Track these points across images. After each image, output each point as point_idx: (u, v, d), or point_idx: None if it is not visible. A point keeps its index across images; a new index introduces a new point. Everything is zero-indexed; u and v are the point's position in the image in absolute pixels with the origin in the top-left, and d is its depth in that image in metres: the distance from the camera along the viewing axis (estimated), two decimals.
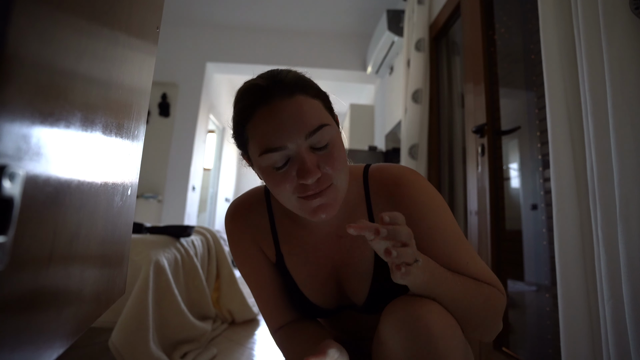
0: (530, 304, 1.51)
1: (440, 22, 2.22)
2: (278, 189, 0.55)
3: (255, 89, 0.55)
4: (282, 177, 0.54)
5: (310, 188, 0.53)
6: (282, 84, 0.54)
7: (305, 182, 0.52)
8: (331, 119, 0.58)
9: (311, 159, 0.53)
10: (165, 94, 3.62)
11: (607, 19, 0.72)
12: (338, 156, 0.55)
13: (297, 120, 0.52)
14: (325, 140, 0.54)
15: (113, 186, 0.47)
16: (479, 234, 1.56)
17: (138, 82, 0.54)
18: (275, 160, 0.53)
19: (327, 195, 0.54)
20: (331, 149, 0.55)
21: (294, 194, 0.54)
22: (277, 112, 0.52)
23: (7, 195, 0.22)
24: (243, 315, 2.21)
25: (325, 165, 0.54)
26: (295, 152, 0.53)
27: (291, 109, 0.52)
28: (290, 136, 0.52)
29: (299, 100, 0.53)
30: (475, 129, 1.60)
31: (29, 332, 0.30)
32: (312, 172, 0.51)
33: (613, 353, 0.69)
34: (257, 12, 3.51)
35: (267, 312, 0.71)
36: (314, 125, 0.53)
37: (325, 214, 0.55)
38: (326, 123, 0.54)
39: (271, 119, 0.52)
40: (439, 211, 0.61)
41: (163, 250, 1.68)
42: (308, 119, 0.53)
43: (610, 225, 0.71)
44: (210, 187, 4.84)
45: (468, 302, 0.55)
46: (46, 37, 0.27)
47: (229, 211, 0.71)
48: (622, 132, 0.68)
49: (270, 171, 0.55)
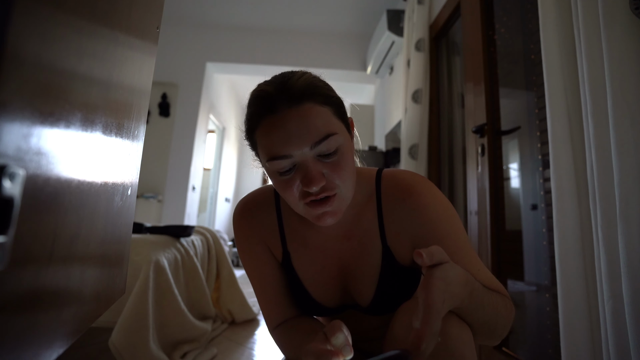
0: (530, 304, 1.51)
1: (440, 22, 2.22)
2: (285, 194, 0.56)
3: (263, 95, 0.54)
4: (288, 184, 0.54)
5: (315, 195, 0.54)
6: (289, 92, 0.53)
7: (308, 190, 0.52)
8: (341, 126, 0.57)
9: (316, 168, 0.53)
10: (165, 94, 3.63)
11: (607, 19, 0.72)
12: (345, 165, 0.55)
13: (303, 130, 0.52)
14: (332, 149, 0.54)
15: (113, 186, 0.47)
16: (479, 234, 1.56)
17: (138, 82, 0.54)
18: (282, 167, 0.53)
19: (330, 204, 0.55)
20: (338, 158, 0.54)
21: (300, 200, 0.55)
22: (283, 122, 0.52)
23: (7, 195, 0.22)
24: (243, 315, 2.21)
25: (331, 173, 0.54)
26: (300, 161, 0.53)
27: (298, 118, 0.52)
28: (296, 146, 0.52)
29: (306, 109, 0.52)
30: (475, 129, 1.60)
31: (29, 332, 0.30)
32: (316, 181, 0.52)
33: (613, 353, 0.69)
34: (257, 12, 3.51)
35: (268, 309, 0.71)
36: (320, 135, 0.52)
37: (329, 221, 0.56)
38: (333, 132, 0.53)
39: (277, 128, 0.52)
40: (453, 220, 0.61)
41: (163, 250, 1.68)
42: (314, 128, 0.52)
43: (610, 225, 0.71)
44: (210, 187, 4.84)
45: (490, 317, 0.55)
46: (46, 37, 0.27)
47: (238, 208, 0.71)
48: (622, 132, 0.68)
49: (277, 176, 0.55)
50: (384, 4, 3.13)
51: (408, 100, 2.31)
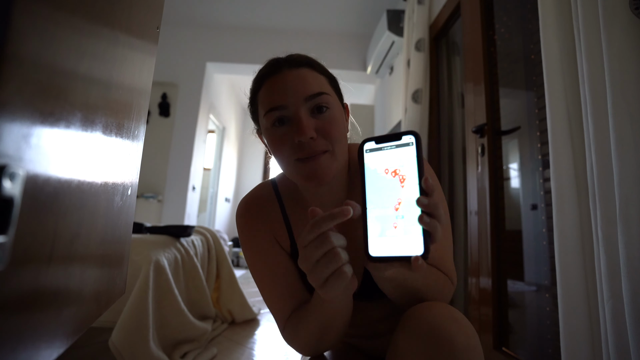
0: (530, 304, 1.51)
1: (440, 22, 2.22)
2: (278, 150, 0.59)
3: (272, 62, 0.62)
4: (282, 138, 0.58)
5: (306, 148, 0.56)
6: (292, 58, 0.61)
7: (300, 138, 0.55)
8: (335, 96, 0.62)
9: (308, 120, 0.56)
10: (165, 94, 3.63)
11: (607, 19, 0.72)
12: (336, 125, 0.59)
13: (298, 84, 0.58)
14: (325, 107, 0.58)
15: (113, 186, 0.47)
16: (479, 234, 1.56)
17: (138, 82, 0.54)
18: (277, 117, 0.58)
19: (322, 161, 0.57)
20: (330, 117, 0.59)
21: (292, 156, 0.57)
22: (282, 77, 0.59)
23: (7, 195, 0.22)
24: (243, 315, 2.21)
25: (322, 129, 0.57)
26: (294, 112, 0.57)
27: (296, 76, 0.59)
28: (291, 96, 0.57)
29: (304, 71, 0.60)
30: (475, 129, 1.60)
31: (29, 332, 0.30)
32: (308, 130, 0.55)
33: (613, 353, 0.69)
34: (257, 12, 3.51)
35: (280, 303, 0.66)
36: (314, 90, 0.58)
37: (317, 180, 0.57)
38: (326, 92, 0.59)
39: (277, 83, 0.59)
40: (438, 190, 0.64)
41: (163, 250, 1.68)
42: (309, 85, 0.58)
43: (610, 225, 0.71)
44: (210, 187, 4.84)
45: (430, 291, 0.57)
46: (46, 37, 0.27)
47: (241, 207, 0.71)
48: (622, 132, 0.68)
49: (272, 132, 0.59)
50: (384, 4, 3.13)
51: (408, 100, 2.31)
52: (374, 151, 0.45)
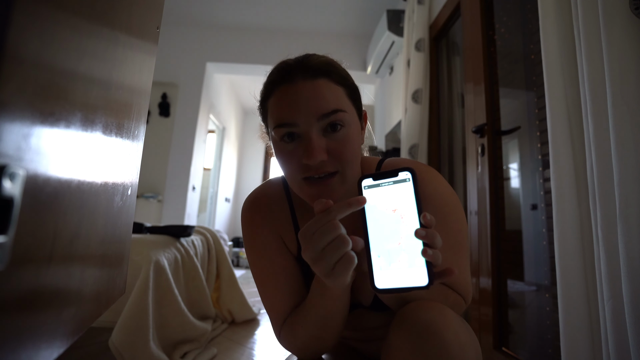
0: (530, 304, 1.51)
1: (440, 22, 2.22)
2: (286, 166, 0.56)
3: (283, 66, 0.57)
4: (290, 155, 0.54)
5: (314, 170, 0.53)
6: (307, 66, 0.55)
7: (308, 162, 0.52)
8: (352, 109, 0.57)
9: (319, 141, 0.52)
10: (165, 94, 3.62)
11: (607, 19, 0.72)
12: (350, 146, 0.54)
13: (312, 101, 0.53)
14: (339, 124, 0.54)
15: (113, 186, 0.47)
16: (479, 234, 1.56)
17: (138, 82, 0.54)
18: (285, 133, 0.54)
19: (329, 183, 0.53)
20: (344, 137, 0.54)
21: (299, 174, 0.54)
22: (295, 91, 0.53)
23: (7, 195, 0.22)
24: (243, 315, 2.21)
25: (334, 150, 0.53)
26: (305, 131, 0.53)
27: (310, 89, 0.53)
28: (303, 114, 0.52)
29: (320, 83, 0.54)
30: (475, 129, 1.60)
31: (29, 332, 0.30)
32: (317, 153, 0.51)
33: (613, 353, 0.69)
34: (257, 12, 3.51)
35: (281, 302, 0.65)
36: (328, 108, 0.53)
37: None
38: (342, 109, 0.54)
39: (289, 96, 0.54)
40: (456, 209, 0.61)
41: (163, 250, 1.68)
42: (324, 101, 0.53)
43: (610, 225, 0.71)
44: (210, 187, 4.84)
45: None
46: (46, 37, 0.27)
47: (248, 203, 0.69)
48: (622, 132, 0.68)
49: (281, 146, 0.55)
50: (384, 4, 3.13)
51: (408, 100, 2.31)
52: (372, 187, 0.46)
